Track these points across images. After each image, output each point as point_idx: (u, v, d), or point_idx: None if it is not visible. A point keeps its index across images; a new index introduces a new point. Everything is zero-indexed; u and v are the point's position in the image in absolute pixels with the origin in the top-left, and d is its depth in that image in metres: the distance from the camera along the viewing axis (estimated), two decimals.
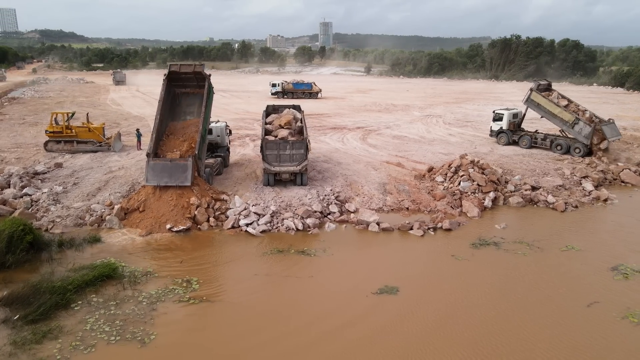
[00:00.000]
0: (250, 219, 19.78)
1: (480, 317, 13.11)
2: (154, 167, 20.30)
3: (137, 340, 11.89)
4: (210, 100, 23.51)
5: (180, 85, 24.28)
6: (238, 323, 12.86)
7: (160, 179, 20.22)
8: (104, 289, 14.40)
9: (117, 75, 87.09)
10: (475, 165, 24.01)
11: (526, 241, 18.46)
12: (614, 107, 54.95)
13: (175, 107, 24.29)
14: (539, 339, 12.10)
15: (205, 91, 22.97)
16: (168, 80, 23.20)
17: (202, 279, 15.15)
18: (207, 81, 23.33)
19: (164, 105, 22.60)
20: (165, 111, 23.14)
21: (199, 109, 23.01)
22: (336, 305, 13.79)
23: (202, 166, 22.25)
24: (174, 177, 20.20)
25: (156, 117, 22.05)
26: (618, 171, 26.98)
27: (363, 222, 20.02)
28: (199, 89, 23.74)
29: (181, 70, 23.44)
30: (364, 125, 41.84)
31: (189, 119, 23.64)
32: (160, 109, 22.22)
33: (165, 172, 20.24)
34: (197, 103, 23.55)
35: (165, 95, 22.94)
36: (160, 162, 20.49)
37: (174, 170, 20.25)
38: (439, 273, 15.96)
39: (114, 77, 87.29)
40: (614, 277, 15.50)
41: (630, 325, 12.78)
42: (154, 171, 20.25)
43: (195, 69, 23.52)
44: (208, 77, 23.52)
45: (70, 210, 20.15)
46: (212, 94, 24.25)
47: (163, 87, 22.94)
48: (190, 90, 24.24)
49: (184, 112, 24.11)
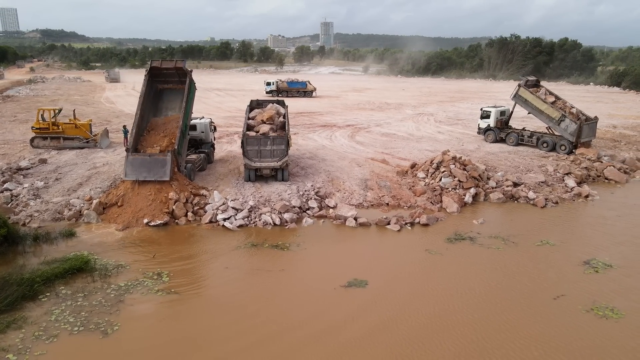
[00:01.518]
0: (227, 213, 19.83)
1: (443, 309, 13.13)
2: (133, 162, 20.38)
3: (100, 331, 11.94)
4: (191, 95, 23.58)
5: (163, 81, 24.44)
6: (202, 315, 12.91)
7: (139, 173, 20.31)
8: (73, 281, 14.46)
9: (111, 73, 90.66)
10: (456, 162, 24.03)
11: (502, 236, 18.47)
12: (607, 106, 54.91)
13: (158, 103, 24.41)
14: (499, 330, 12.13)
15: (187, 87, 23.07)
16: (150, 76, 23.32)
17: (173, 272, 15.20)
18: (189, 77, 23.43)
19: (145, 101, 22.67)
20: (147, 107, 23.26)
21: (181, 104, 23.08)
22: (303, 298, 13.83)
23: (183, 161, 22.32)
24: (153, 172, 20.29)
25: (137, 113, 22.15)
26: (602, 168, 26.95)
27: (341, 217, 20.06)
28: (180, 84, 23.91)
29: (162, 66, 23.59)
30: (354, 123, 41.88)
31: (171, 115, 23.79)
32: (140, 105, 22.31)
33: (144, 167, 20.32)
34: (179, 99, 23.63)
35: (147, 91, 23.02)
36: (139, 157, 20.58)
37: (153, 165, 20.33)
38: (410, 267, 15.98)
39: (108, 75, 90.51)
40: (584, 271, 15.50)
41: (595, 317, 12.78)
42: (133, 166, 20.33)
43: (176, 65, 23.72)
44: (189, 72, 23.62)
45: (49, 205, 20.22)
46: (194, 90, 24.38)
47: (144, 82, 23.05)
48: (172, 86, 24.40)
49: (165, 107, 24.27)
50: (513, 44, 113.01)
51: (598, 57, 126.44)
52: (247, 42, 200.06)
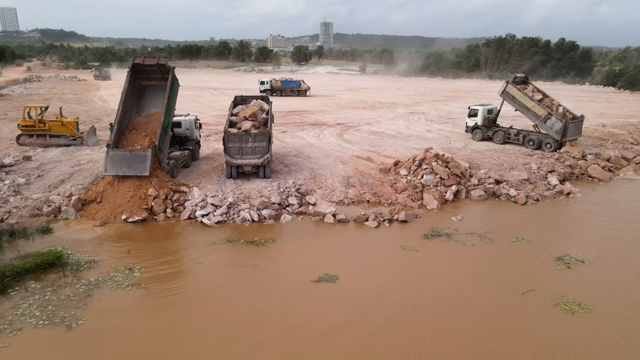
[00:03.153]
0: (206, 210, 19.86)
1: (410, 304, 13.16)
2: (113, 157, 20.41)
3: (65, 325, 11.96)
4: (173, 92, 23.61)
5: (146, 78, 24.48)
6: (169, 309, 12.94)
7: (118, 168, 20.34)
8: (44, 276, 14.49)
9: (102, 72, 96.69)
10: (439, 159, 24.04)
11: (479, 233, 18.49)
12: (600, 105, 54.90)
13: (141, 100, 24.45)
14: (464, 324, 12.14)
15: (169, 83, 23.14)
16: (132, 72, 23.37)
17: (145, 267, 15.23)
18: (171, 73, 23.50)
19: (127, 97, 22.70)
20: (130, 103, 23.27)
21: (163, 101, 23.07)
22: (271, 292, 13.85)
23: (164, 158, 22.37)
24: (133, 167, 20.31)
25: (118, 109, 22.17)
26: (586, 166, 26.96)
27: (319, 214, 20.08)
28: (163, 81, 23.96)
29: (145, 63, 23.65)
30: (344, 122, 41.87)
31: (153, 112, 23.78)
32: (122, 101, 22.32)
33: (124, 162, 20.35)
34: (162, 96, 23.58)
35: (129, 88, 23.03)
36: (119, 152, 20.62)
37: (133, 161, 20.36)
38: (383, 262, 16.01)
39: (100, 73, 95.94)
40: (556, 267, 15.52)
41: (560, 312, 12.80)
42: (113, 161, 20.36)
43: (159, 61, 23.79)
44: (172, 69, 23.72)
45: (28, 202, 20.25)
46: (177, 87, 24.44)
47: (127, 79, 23.04)
48: (156, 83, 24.43)
49: (148, 104, 24.24)
50: (509, 44, 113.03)
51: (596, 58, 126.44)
52: (245, 42, 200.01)
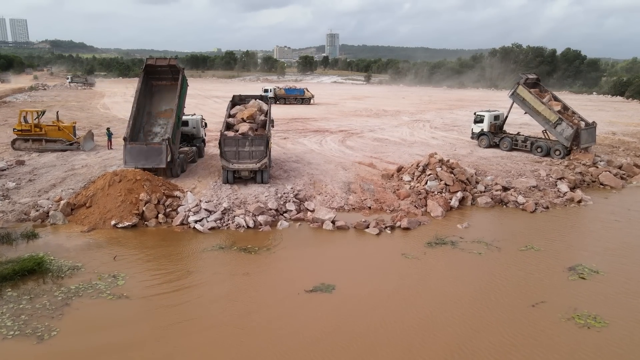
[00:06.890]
0: (200, 215, 19.02)
1: (412, 316, 12.18)
2: (131, 150, 21.81)
3: (36, 336, 11.08)
4: (183, 91, 25.04)
5: (157, 78, 25.90)
6: (149, 321, 12.03)
7: (137, 161, 21.54)
8: (23, 283, 13.66)
9: (89, 79, 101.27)
10: (443, 164, 23.11)
11: (485, 241, 17.49)
12: (609, 114, 53.82)
13: (153, 99, 25.74)
14: (470, 338, 11.15)
15: (179, 83, 24.43)
16: (145, 73, 24.79)
17: (130, 275, 14.35)
18: (181, 74, 25.02)
19: (140, 96, 24.00)
20: (142, 102, 24.55)
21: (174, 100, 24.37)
22: (262, 303, 12.90)
23: (176, 151, 23.53)
24: (150, 160, 21.63)
25: (133, 106, 23.60)
26: (597, 173, 25.90)
27: (318, 220, 19.18)
28: (174, 81, 25.25)
29: (157, 64, 25.22)
30: (347, 129, 41.07)
31: (164, 110, 25.21)
32: (136, 100, 23.77)
33: (142, 155, 21.79)
34: (172, 95, 24.91)
35: (142, 87, 24.39)
36: (136, 145, 21.99)
37: (150, 154, 21.76)
38: (383, 272, 15.03)
39: (87, 81, 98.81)
40: (568, 278, 14.49)
41: (575, 326, 11.76)
42: (131, 154, 21.79)
43: (170, 62, 25.39)
44: (182, 69, 25.31)
45: (16, 206, 19.51)
46: (186, 86, 25.96)
47: (140, 79, 24.58)
48: (167, 83, 25.67)
49: (160, 103, 25.59)
50: (515, 54, 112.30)
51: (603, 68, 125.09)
52: (251, 52, 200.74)
